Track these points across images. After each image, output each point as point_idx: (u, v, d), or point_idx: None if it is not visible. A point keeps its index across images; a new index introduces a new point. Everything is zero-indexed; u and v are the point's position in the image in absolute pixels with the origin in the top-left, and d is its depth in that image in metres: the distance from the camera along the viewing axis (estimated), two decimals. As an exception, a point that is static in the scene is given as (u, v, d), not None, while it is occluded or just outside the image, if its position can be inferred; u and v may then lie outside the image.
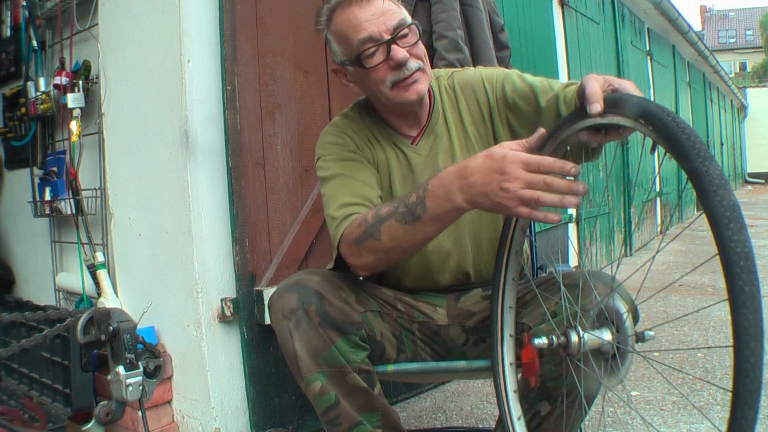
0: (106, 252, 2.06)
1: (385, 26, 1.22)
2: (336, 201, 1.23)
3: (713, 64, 10.90)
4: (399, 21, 1.24)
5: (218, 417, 1.80)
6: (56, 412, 1.85)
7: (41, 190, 2.20)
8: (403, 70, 1.23)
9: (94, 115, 2.08)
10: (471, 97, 1.36)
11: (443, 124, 1.37)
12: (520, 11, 3.75)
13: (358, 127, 1.37)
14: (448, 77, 1.41)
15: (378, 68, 1.24)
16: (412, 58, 1.24)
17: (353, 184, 1.25)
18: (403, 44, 1.23)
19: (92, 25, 2.06)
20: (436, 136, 1.36)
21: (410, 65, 1.24)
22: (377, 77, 1.25)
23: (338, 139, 1.34)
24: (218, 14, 1.81)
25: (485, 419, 2.11)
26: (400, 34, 1.23)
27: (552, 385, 1.13)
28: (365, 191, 1.25)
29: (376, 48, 1.22)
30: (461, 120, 1.36)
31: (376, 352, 1.24)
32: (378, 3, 1.23)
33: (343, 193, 1.24)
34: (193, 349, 1.83)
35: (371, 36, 1.22)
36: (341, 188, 1.25)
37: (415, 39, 1.25)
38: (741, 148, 19.69)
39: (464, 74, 1.40)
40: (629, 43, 6.22)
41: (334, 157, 1.31)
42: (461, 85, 1.38)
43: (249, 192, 1.85)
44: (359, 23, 1.22)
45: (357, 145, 1.33)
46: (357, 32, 1.22)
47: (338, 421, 1.16)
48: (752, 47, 41.83)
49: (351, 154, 1.31)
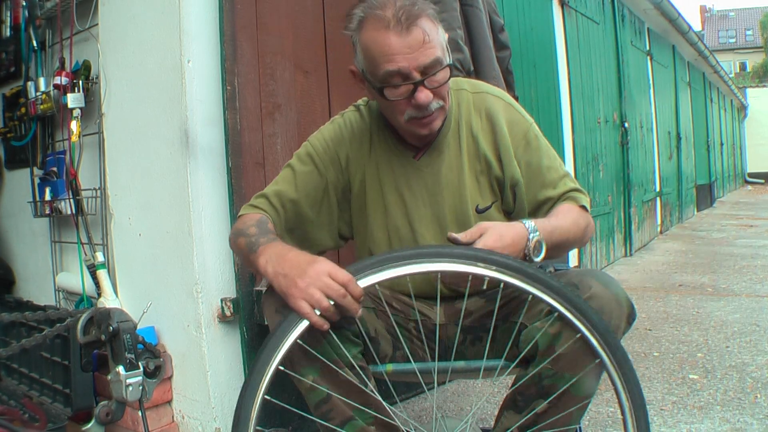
0: (106, 252, 2.06)
1: (417, 63, 1.17)
2: (269, 186, 1.37)
3: (713, 64, 10.90)
4: (433, 60, 1.18)
5: (218, 417, 1.80)
6: (56, 412, 1.85)
7: (41, 190, 2.20)
8: (423, 110, 1.22)
9: (94, 115, 2.08)
10: (493, 130, 1.35)
11: (455, 138, 1.35)
12: (520, 11, 3.75)
13: (360, 127, 1.37)
14: (475, 93, 1.38)
15: (399, 102, 1.22)
16: (435, 98, 1.22)
17: (289, 183, 1.35)
18: (432, 84, 1.20)
19: (92, 25, 2.05)
20: (441, 152, 1.34)
21: (432, 107, 1.22)
22: (396, 108, 1.24)
23: (329, 137, 1.38)
24: (218, 14, 1.81)
25: (485, 419, 2.11)
26: (431, 73, 1.19)
27: (549, 383, 1.13)
28: (289, 192, 1.34)
29: (401, 83, 1.19)
30: (476, 141, 1.35)
31: (371, 349, 1.24)
32: (417, 34, 1.16)
33: (278, 183, 1.36)
34: (193, 349, 1.82)
35: (400, 71, 1.17)
36: (281, 179, 1.37)
37: (445, 79, 1.22)
38: (741, 148, 19.69)
39: (490, 102, 1.37)
40: (629, 43, 6.22)
41: (306, 151, 1.38)
42: (487, 112, 1.36)
43: (249, 192, 1.85)
44: (391, 53, 1.17)
45: (337, 152, 1.36)
46: (386, 62, 1.17)
47: (330, 416, 1.16)
48: (752, 47, 41.82)
49: (318, 158, 1.36)
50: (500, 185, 1.35)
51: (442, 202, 1.34)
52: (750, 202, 12.96)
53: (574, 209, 1.30)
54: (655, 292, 4.13)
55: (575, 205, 1.31)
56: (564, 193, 1.33)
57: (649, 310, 3.61)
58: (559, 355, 1.11)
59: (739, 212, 10.55)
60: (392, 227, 1.36)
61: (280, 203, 1.33)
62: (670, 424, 1.99)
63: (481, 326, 1.31)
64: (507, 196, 1.36)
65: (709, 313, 3.47)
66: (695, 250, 6.14)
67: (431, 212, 1.35)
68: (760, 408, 2.07)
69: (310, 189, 1.35)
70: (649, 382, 2.39)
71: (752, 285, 4.21)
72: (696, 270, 4.96)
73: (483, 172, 1.35)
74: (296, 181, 1.35)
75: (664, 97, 7.80)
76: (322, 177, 1.36)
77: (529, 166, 1.34)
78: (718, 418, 2.01)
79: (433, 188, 1.34)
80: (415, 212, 1.35)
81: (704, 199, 10.97)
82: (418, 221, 1.35)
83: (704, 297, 3.91)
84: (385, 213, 1.36)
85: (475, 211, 1.34)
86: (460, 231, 1.31)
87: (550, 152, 1.37)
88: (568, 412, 1.14)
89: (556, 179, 1.34)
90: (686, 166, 9.16)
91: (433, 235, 1.35)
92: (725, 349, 2.77)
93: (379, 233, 1.37)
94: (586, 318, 1.08)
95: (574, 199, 1.33)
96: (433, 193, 1.35)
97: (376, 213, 1.37)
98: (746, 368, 2.49)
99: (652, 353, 2.77)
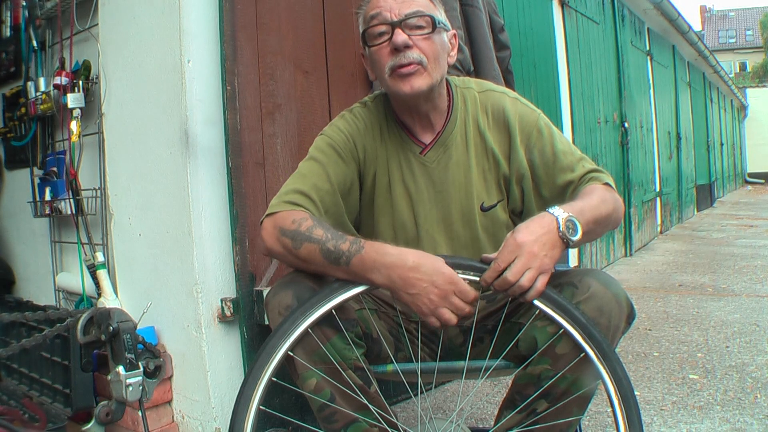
0: (106, 252, 2.06)
1: (399, 9, 1.22)
2: (297, 182, 1.28)
3: (713, 64, 10.90)
4: (416, 9, 1.23)
5: (218, 417, 1.80)
6: (56, 412, 1.85)
7: (41, 190, 2.20)
8: (401, 57, 1.22)
9: (94, 115, 2.08)
10: (500, 126, 1.34)
11: (461, 134, 1.34)
12: (520, 11, 3.75)
13: (370, 119, 1.37)
14: (481, 91, 1.38)
15: (380, 48, 1.24)
16: (415, 48, 1.23)
17: (320, 175, 1.28)
18: (410, 32, 1.23)
19: (92, 25, 2.05)
20: (447, 147, 1.34)
21: (409, 54, 1.22)
22: (380, 59, 1.25)
23: (344, 129, 1.35)
24: (218, 14, 1.81)
25: (485, 419, 2.12)
26: (410, 20, 1.22)
27: (548, 383, 1.13)
28: (323, 185, 1.28)
29: (382, 27, 1.23)
30: (483, 138, 1.34)
31: (373, 351, 1.24)
32: None
33: (308, 178, 1.28)
34: (193, 349, 1.83)
35: (381, 14, 1.23)
36: (310, 173, 1.29)
37: (426, 31, 1.24)
38: (741, 148, 19.69)
39: (496, 98, 1.37)
40: (629, 43, 6.22)
41: (326, 143, 1.33)
42: (493, 108, 1.35)
43: (249, 192, 1.85)
44: (377, 3, 1.25)
45: (355, 143, 1.34)
46: (372, 8, 1.25)
47: (334, 419, 1.16)
48: (752, 47, 41.82)
49: (339, 148, 1.32)
50: (507, 182, 1.34)
51: (449, 200, 1.34)
52: (750, 202, 12.96)
53: (599, 187, 1.26)
54: (655, 292, 4.13)
55: (599, 183, 1.27)
56: (584, 175, 1.29)
57: (649, 310, 3.61)
58: (558, 355, 1.11)
59: (739, 212, 10.55)
60: (398, 224, 1.35)
61: (319, 197, 1.27)
62: (670, 424, 1.99)
63: (482, 327, 1.31)
64: (514, 192, 1.34)
65: (709, 313, 3.47)
66: (695, 250, 6.14)
67: (437, 209, 1.34)
68: (760, 408, 2.07)
69: (341, 179, 1.31)
70: (649, 382, 2.39)
71: (752, 285, 4.21)
72: (696, 270, 4.96)
73: (490, 169, 1.34)
74: (328, 172, 1.29)
75: (664, 97, 7.80)
76: (349, 167, 1.33)
77: (543, 153, 1.31)
78: (718, 418, 2.01)
79: (440, 185, 1.34)
80: (420, 209, 1.34)
81: (704, 199, 10.97)
82: (423, 218, 1.34)
83: (704, 297, 3.91)
84: (392, 208, 1.35)
85: (480, 209, 1.33)
86: (466, 229, 1.32)
87: (563, 138, 1.35)
88: (568, 412, 1.14)
89: (573, 162, 1.31)
90: (686, 166, 9.16)
91: (439, 233, 1.34)
92: (725, 349, 2.77)
93: (386, 229, 1.36)
94: (565, 313, 1.09)
95: (597, 179, 1.29)
96: (440, 190, 1.34)
97: (383, 208, 1.36)
98: (746, 368, 2.49)
99: (652, 353, 2.78)
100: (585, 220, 1.14)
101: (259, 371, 1.11)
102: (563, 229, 1.10)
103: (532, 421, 1.15)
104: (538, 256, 1.08)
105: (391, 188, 1.35)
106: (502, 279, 1.08)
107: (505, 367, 1.23)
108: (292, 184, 1.28)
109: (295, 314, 1.12)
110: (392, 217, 1.35)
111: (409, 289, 1.09)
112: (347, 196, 1.33)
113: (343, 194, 1.31)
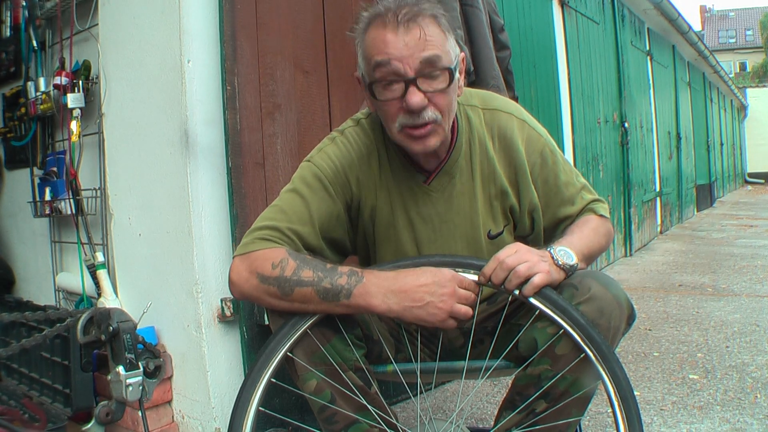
0: (106, 252, 2.06)
1: (413, 59, 1.07)
2: (275, 215, 1.18)
3: (713, 64, 10.90)
4: (431, 56, 1.08)
5: (218, 417, 1.80)
6: (56, 412, 1.85)
7: (41, 190, 2.20)
8: (415, 117, 1.10)
9: (94, 115, 2.08)
10: (506, 152, 1.28)
11: (466, 161, 1.27)
12: (520, 11, 3.75)
13: (366, 145, 1.26)
14: (486, 109, 1.29)
15: (390, 103, 1.11)
16: (430, 106, 1.11)
17: (301, 214, 1.19)
18: (427, 87, 1.09)
19: (92, 25, 2.05)
20: (452, 176, 1.27)
21: (425, 115, 1.10)
22: (388, 112, 1.13)
23: (335, 159, 1.23)
24: (218, 14, 1.81)
25: (485, 419, 2.12)
26: (426, 72, 1.08)
27: (548, 384, 1.12)
28: (302, 228, 1.18)
29: (394, 84, 1.09)
30: (489, 162, 1.28)
31: (374, 352, 1.23)
32: (415, 32, 1.07)
33: (287, 215, 1.18)
34: (193, 349, 1.83)
35: (391, 63, 1.08)
36: (290, 209, 1.19)
37: (443, 85, 1.10)
38: (741, 148, 19.69)
39: (503, 121, 1.29)
40: (629, 43, 6.22)
41: (313, 173, 1.22)
42: (500, 132, 1.28)
43: (249, 192, 1.85)
44: (385, 47, 1.08)
45: (347, 176, 1.23)
46: (377, 52, 1.09)
47: (334, 420, 1.15)
48: (752, 47, 41.82)
49: (327, 182, 1.22)
50: (513, 212, 1.31)
51: (454, 230, 1.29)
52: (750, 202, 12.96)
53: (593, 218, 1.30)
54: (655, 292, 4.13)
55: (594, 215, 1.31)
56: (583, 208, 1.32)
57: (649, 310, 3.61)
58: (558, 356, 1.11)
59: (739, 212, 10.55)
60: (401, 255, 1.29)
61: (297, 238, 1.18)
62: (670, 424, 1.99)
63: (482, 329, 1.31)
64: (524, 222, 1.32)
65: (709, 313, 3.47)
66: (695, 250, 6.14)
67: (442, 240, 1.30)
68: (760, 408, 2.07)
69: (325, 218, 1.21)
70: (649, 382, 2.39)
71: (752, 285, 4.21)
72: (696, 270, 4.96)
73: (497, 196, 1.29)
74: (310, 210, 1.20)
75: (664, 97, 7.80)
76: (336, 204, 1.23)
77: (546, 183, 1.30)
78: (718, 418, 2.01)
79: (445, 215, 1.29)
80: (425, 240, 1.30)
81: (704, 199, 10.97)
82: (427, 249, 1.29)
83: (704, 297, 3.91)
84: (394, 239, 1.30)
85: (487, 237, 1.30)
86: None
87: (566, 166, 1.34)
88: (568, 413, 1.14)
89: (574, 194, 1.32)
90: (686, 166, 9.16)
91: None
92: (725, 349, 2.77)
93: (387, 260, 1.30)
94: (565, 314, 1.09)
95: (593, 210, 1.32)
96: (445, 220, 1.29)
97: (384, 239, 1.30)
98: (746, 368, 2.49)
99: (652, 353, 2.78)
100: (579, 251, 1.19)
101: (258, 372, 1.11)
102: (556, 255, 1.15)
103: (531, 421, 1.15)
104: (535, 256, 1.11)
105: (394, 219, 1.29)
106: (499, 265, 1.09)
107: (505, 367, 1.23)
108: (269, 218, 1.18)
109: (295, 316, 1.12)
110: (394, 248, 1.30)
111: (417, 303, 1.08)
112: (333, 231, 1.25)
113: (326, 232, 1.23)
